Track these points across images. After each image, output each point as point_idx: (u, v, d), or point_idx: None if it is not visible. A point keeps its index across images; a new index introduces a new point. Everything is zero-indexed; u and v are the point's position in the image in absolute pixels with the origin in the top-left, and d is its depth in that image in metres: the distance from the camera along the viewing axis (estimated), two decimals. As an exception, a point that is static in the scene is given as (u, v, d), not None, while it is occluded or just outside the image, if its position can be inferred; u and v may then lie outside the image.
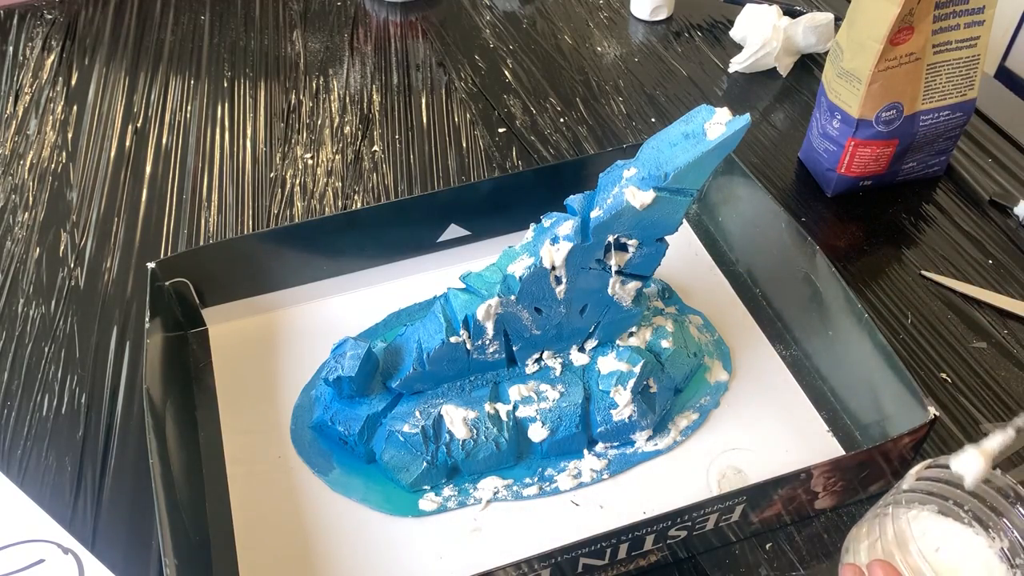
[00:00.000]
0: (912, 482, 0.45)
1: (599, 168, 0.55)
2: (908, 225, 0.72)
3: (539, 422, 0.55)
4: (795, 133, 0.81)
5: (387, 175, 0.78)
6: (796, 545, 0.53)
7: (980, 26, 0.66)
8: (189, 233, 0.73)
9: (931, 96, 0.68)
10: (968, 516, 0.45)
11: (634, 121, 0.83)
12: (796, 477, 0.49)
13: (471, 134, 0.82)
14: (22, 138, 0.82)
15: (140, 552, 0.53)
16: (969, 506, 0.45)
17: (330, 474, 0.56)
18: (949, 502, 0.45)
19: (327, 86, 0.88)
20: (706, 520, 0.49)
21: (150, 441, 0.50)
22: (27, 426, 0.59)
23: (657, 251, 0.54)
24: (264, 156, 0.80)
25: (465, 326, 0.53)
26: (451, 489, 0.55)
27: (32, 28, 0.96)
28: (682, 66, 0.89)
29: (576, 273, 0.53)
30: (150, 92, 0.87)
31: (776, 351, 0.62)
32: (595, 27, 0.95)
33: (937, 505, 0.45)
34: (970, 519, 0.45)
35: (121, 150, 0.81)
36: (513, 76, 0.89)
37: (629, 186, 0.50)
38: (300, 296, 0.66)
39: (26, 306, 0.67)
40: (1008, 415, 0.59)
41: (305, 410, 0.59)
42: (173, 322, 0.62)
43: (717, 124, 0.49)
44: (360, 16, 0.98)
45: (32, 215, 0.75)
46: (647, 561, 0.51)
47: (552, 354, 0.58)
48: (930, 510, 0.45)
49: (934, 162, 0.74)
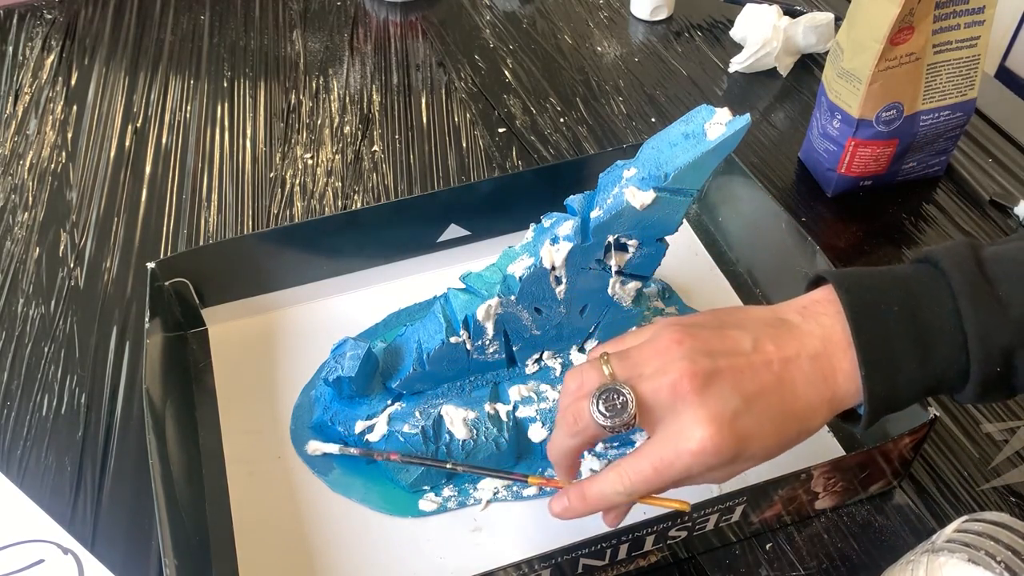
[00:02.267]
0: (951, 533, 0.45)
1: (599, 168, 0.55)
2: (908, 225, 0.72)
3: (539, 422, 0.55)
4: (795, 133, 0.81)
5: (387, 175, 0.78)
6: (796, 545, 0.53)
7: (980, 26, 0.66)
8: (189, 233, 0.73)
9: (931, 96, 0.68)
10: (1000, 567, 0.45)
11: (634, 121, 0.83)
12: (796, 477, 0.49)
13: (471, 134, 0.82)
14: (22, 138, 0.82)
15: (140, 552, 0.53)
16: (1001, 557, 0.45)
17: (330, 474, 0.56)
18: (981, 552, 0.45)
19: (327, 86, 0.88)
20: (706, 520, 0.49)
21: (150, 441, 0.50)
22: (27, 426, 0.59)
23: (657, 251, 0.54)
24: (264, 156, 0.80)
25: (465, 326, 0.53)
26: (451, 489, 0.55)
27: (32, 28, 0.96)
28: (682, 66, 0.89)
29: (576, 273, 0.53)
30: (150, 92, 0.87)
31: (776, 351, 0.62)
32: (595, 27, 0.95)
33: (967, 554, 0.45)
34: (1001, 570, 0.45)
35: (121, 150, 0.81)
36: (513, 76, 0.89)
37: (629, 186, 0.50)
38: (300, 296, 0.66)
39: (26, 306, 0.67)
40: (1009, 416, 0.59)
41: (305, 410, 0.59)
42: (173, 322, 0.62)
43: (717, 124, 0.49)
44: (360, 16, 0.98)
45: (32, 215, 0.75)
46: (647, 561, 0.51)
47: (552, 354, 0.58)
48: (959, 558, 0.45)
49: (934, 162, 0.74)
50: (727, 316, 0.45)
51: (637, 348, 0.44)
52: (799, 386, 0.42)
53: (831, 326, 0.43)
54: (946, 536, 0.45)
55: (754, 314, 0.45)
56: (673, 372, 0.41)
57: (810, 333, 0.43)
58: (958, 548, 0.46)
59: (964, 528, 0.45)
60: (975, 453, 0.57)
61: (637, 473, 0.42)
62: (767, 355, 0.42)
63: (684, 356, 0.42)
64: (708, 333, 0.43)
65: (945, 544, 0.46)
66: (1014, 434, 0.58)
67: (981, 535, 0.45)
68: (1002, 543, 0.45)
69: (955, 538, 0.46)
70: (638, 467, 0.42)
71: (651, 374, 0.42)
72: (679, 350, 0.42)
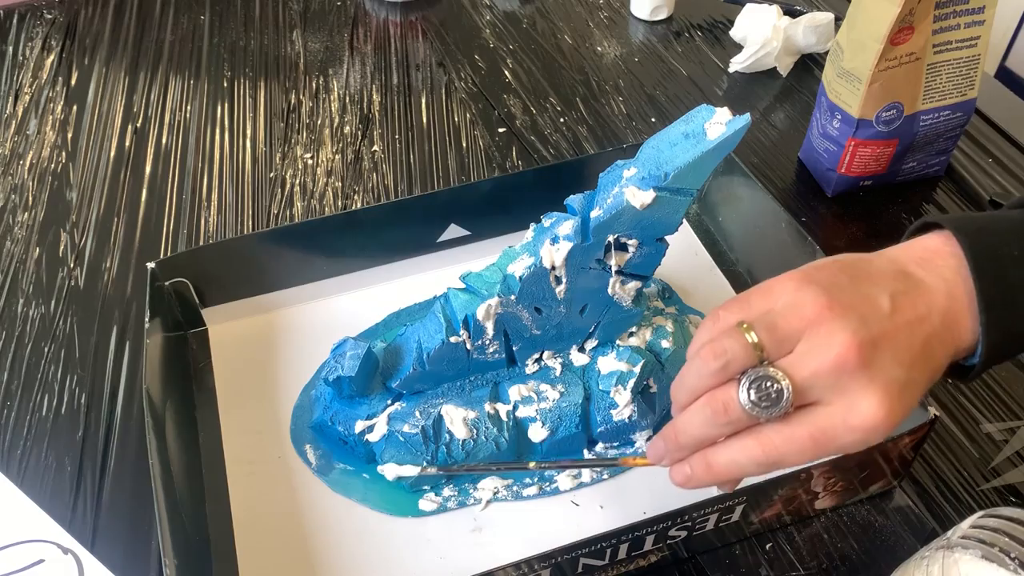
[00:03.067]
0: (967, 529, 0.45)
1: (599, 168, 0.55)
2: (908, 225, 0.72)
3: (539, 422, 0.55)
4: (795, 133, 0.81)
5: (387, 175, 0.78)
6: (796, 545, 0.53)
7: (980, 26, 0.66)
8: (189, 233, 0.73)
9: (931, 96, 0.68)
10: (1015, 563, 0.45)
11: (634, 121, 0.83)
12: (796, 477, 0.49)
13: (471, 134, 0.82)
14: (22, 138, 0.82)
15: (140, 552, 0.53)
16: (1016, 553, 0.45)
17: (330, 474, 0.56)
18: (995, 548, 0.45)
19: (327, 86, 0.88)
20: (706, 520, 0.49)
21: (150, 441, 0.50)
22: (27, 426, 0.59)
23: (657, 251, 0.54)
24: (264, 156, 0.80)
25: (465, 326, 0.53)
26: (451, 489, 0.55)
27: (32, 28, 0.96)
28: (682, 66, 0.89)
29: (576, 273, 0.53)
30: (150, 92, 0.87)
31: (776, 351, 0.62)
32: (595, 27, 0.95)
33: (981, 551, 0.45)
34: (1016, 566, 0.45)
35: (121, 150, 0.81)
36: (513, 76, 0.89)
37: (629, 186, 0.50)
38: (300, 296, 0.66)
39: (26, 306, 0.67)
40: (1008, 415, 0.59)
41: (305, 410, 0.59)
42: (173, 322, 0.62)
43: (717, 124, 0.49)
44: (360, 16, 0.98)
45: (32, 215, 0.75)
46: (647, 561, 0.51)
47: (552, 354, 0.57)
48: (973, 554, 0.45)
49: (934, 162, 0.74)
50: (853, 269, 0.42)
51: (782, 316, 0.40)
52: (935, 347, 0.41)
53: (953, 280, 0.41)
54: (962, 532, 0.45)
55: (877, 266, 0.42)
56: (836, 346, 0.38)
57: (936, 289, 0.41)
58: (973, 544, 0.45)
59: (980, 524, 0.45)
60: (975, 453, 0.57)
61: (789, 442, 0.39)
62: (907, 316, 0.40)
63: (842, 327, 0.39)
64: (850, 294, 0.40)
65: (960, 540, 0.45)
66: (1014, 434, 0.58)
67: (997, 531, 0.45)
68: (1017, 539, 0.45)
69: (971, 534, 0.45)
70: (791, 435, 0.39)
71: (808, 351, 0.39)
72: (831, 318, 0.39)
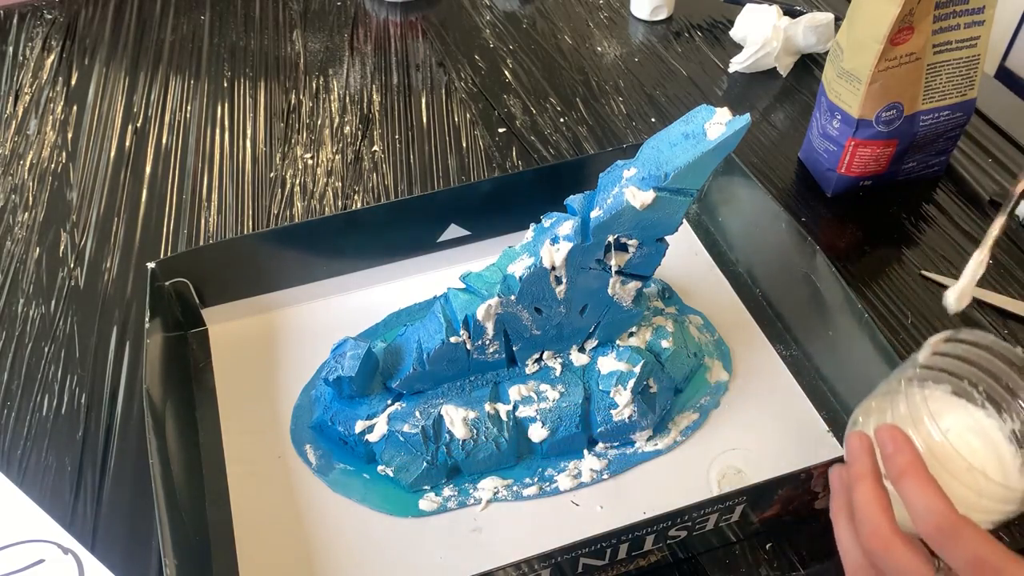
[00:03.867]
0: (928, 355, 0.44)
1: (599, 168, 0.55)
2: (908, 225, 0.72)
3: (539, 422, 0.55)
4: (795, 133, 0.81)
5: (387, 175, 0.78)
6: (796, 545, 0.53)
7: (980, 26, 0.66)
8: (189, 233, 0.73)
9: (931, 96, 0.68)
10: (982, 397, 0.44)
11: (634, 121, 0.83)
12: (796, 477, 0.49)
13: (471, 134, 0.82)
14: (22, 138, 0.82)
15: (140, 552, 0.53)
16: (984, 387, 0.44)
17: (330, 474, 0.56)
18: (964, 382, 0.44)
19: (327, 86, 0.88)
20: (706, 520, 0.49)
21: (150, 441, 0.50)
22: (27, 426, 0.59)
23: (657, 251, 0.54)
24: (264, 156, 0.80)
25: (465, 326, 0.53)
26: (451, 489, 0.55)
27: (32, 28, 0.96)
28: (682, 66, 0.89)
29: (576, 273, 0.53)
30: (150, 92, 0.87)
31: (776, 351, 0.62)
32: (595, 27, 0.95)
33: (951, 385, 0.44)
34: (983, 400, 0.44)
35: (121, 150, 0.81)
36: (513, 76, 0.89)
37: (629, 186, 0.50)
38: (300, 296, 0.66)
39: (26, 306, 0.67)
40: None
41: (305, 410, 0.59)
42: (173, 322, 0.62)
43: (717, 124, 0.49)
44: (360, 16, 0.98)
45: (32, 215, 0.75)
46: (647, 561, 0.51)
47: (552, 354, 0.57)
48: (943, 390, 0.44)
49: (934, 162, 0.74)
50: None
51: None
52: None
53: None
54: (924, 358, 0.44)
55: None
56: None
57: None
58: (941, 377, 0.44)
59: (944, 351, 0.44)
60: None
61: None
62: None
63: None
64: None
65: (928, 372, 0.44)
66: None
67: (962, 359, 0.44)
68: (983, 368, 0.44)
69: (935, 363, 0.44)
70: None
71: None
72: None
